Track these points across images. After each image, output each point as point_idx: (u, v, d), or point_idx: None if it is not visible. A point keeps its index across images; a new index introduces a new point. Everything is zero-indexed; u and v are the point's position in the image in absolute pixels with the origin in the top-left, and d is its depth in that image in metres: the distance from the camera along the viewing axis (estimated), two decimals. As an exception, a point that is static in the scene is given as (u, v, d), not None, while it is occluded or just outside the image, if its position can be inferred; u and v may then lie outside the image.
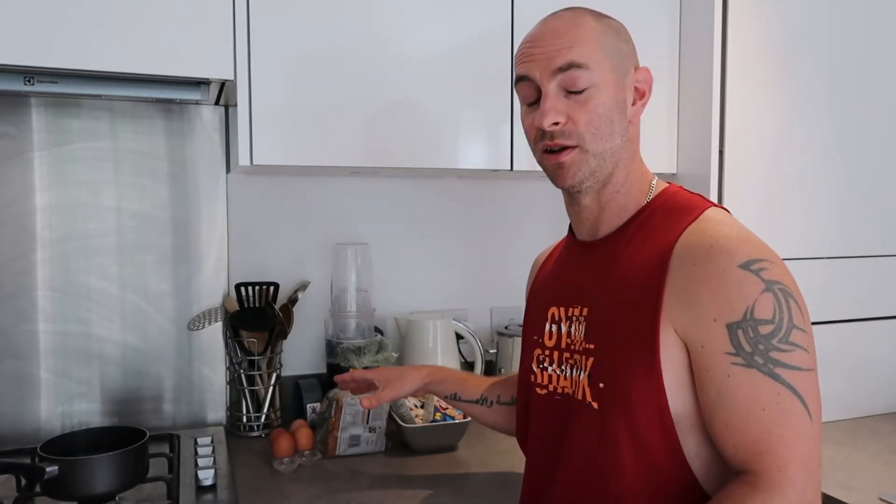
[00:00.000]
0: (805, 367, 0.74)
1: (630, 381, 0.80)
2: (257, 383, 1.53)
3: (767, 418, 0.73)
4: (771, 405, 0.73)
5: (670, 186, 0.92)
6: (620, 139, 0.87)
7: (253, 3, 1.26)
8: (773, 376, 0.73)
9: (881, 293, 1.66)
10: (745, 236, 0.79)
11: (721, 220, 0.82)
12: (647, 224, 0.87)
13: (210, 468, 1.21)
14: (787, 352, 0.74)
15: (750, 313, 0.74)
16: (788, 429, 0.73)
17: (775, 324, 0.74)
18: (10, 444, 1.37)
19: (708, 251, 0.77)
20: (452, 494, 1.20)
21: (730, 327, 0.75)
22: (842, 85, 1.58)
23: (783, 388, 0.73)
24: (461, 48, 1.41)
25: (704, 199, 0.88)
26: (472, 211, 1.81)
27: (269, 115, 1.28)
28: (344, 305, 1.59)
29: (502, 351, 1.74)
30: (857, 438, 1.51)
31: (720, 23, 1.49)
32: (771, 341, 0.74)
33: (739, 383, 0.74)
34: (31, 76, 1.20)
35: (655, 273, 0.80)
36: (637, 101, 0.89)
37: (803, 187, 1.57)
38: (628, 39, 0.90)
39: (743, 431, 0.75)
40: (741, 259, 0.76)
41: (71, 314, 1.45)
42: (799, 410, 0.73)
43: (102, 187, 1.47)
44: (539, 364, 0.95)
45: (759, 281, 0.75)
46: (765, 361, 0.73)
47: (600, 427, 0.83)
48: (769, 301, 0.74)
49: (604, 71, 0.85)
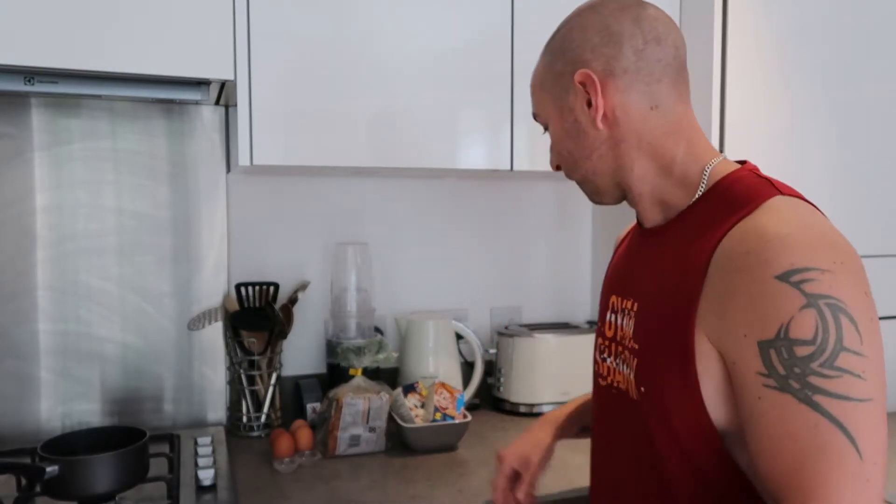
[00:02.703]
0: (856, 398, 0.63)
1: (665, 388, 0.75)
2: (257, 383, 1.53)
3: (799, 450, 0.64)
4: (804, 436, 0.63)
5: (735, 172, 0.79)
6: (591, 160, 0.84)
7: (253, 3, 1.26)
8: (811, 404, 0.63)
9: (881, 293, 1.66)
10: (800, 238, 0.67)
11: (781, 216, 0.70)
12: (700, 218, 0.78)
13: (210, 468, 1.21)
14: (831, 378, 0.63)
15: (785, 332, 0.65)
16: (826, 465, 0.62)
17: (816, 345, 0.64)
18: (10, 444, 1.37)
19: (745, 258, 0.68)
20: (452, 494, 1.20)
21: (761, 346, 0.66)
22: (842, 84, 1.58)
23: (822, 419, 0.63)
24: (462, 48, 1.41)
25: (773, 185, 0.76)
26: (472, 211, 1.81)
27: (269, 115, 1.28)
28: (344, 305, 1.59)
29: (502, 351, 1.74)
30: (857, 438, 1.51)
31: (720, 23, 1.49)
32: (810, 364, 0.64)
33: (770, 408, 0.66)
34: (31, 76, 1.20)
35: (695, 277, 0.73)
36: (591, 107, 0.81)
37: (803, 187, 1.55)
38: (565, 50, 0.82)
39: (772, 459, 0.66)
40: (780, 269, 0.66)
41: (71, 314, 1.45)
42: (842, 446, 0.62)
43: (102, 187, 1.47)
44: (601, 354, 0.91)
45: (799, 295, 0.65)
46: (801, 387, 0.64)
47: (645, 427, 0.79)
48: (809, 318, 0.64)
49: (547, 108, 0.87)
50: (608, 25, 0.80)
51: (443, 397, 1.44)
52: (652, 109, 0.81)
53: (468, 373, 1.69)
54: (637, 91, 0.80)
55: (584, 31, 0.81)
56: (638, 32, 0.80)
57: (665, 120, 0.81)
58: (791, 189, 0.77)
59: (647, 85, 0.80)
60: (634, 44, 0.80)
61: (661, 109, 0.81)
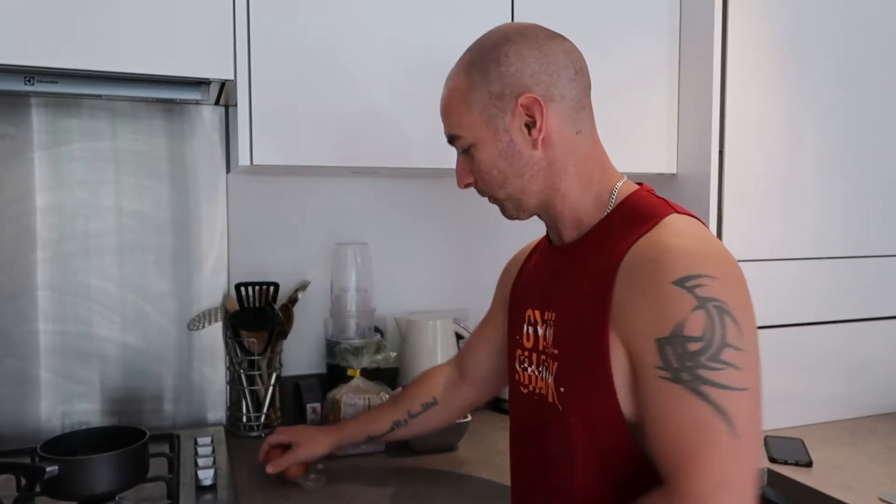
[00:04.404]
0: (737, 387, 0.73)
1: (585, 387, 0.83)
2: (257, 383, 1.53)
3: (686, 434, 0.74)
4: (690, 422, 0.73)
5: (636, 192, 0.90)
6: (523, 178, 0.90)
7: (253, 3, 1.26)
8: (698, 393, 0.73)
9: (881, 293, 1.66)
10: (692, 249, 0.78)
11: (677, 230, 0.81)
12: (609, 232, 0.87)
13: (210, 468, 1.21)
14: (716, 370, 0.73)
15: (679, 330, 0.74)
16: (706, 445, 0.73)
17: (705, 342, 0.74)
18: (10, 444, 1.37)
19: (648, 266, 0.78)
20: (452, 494, 1.20)
21: (659, 342, 0.76)
22: (842, 84, 1.58)
23: (706, 406, 0.73)
24: (462, 48, 1.41)
25: (668, 204, 0.87)
26: (473, 211, 1.81)
27: (269, 115, 1.28)
28: (344, 305, 1.59)
29: (502, 351, 1.73)
30: (857, 438, 1.51)
31: (720, 23, 1.49)
32: (699, 359, 0.73)
33: (664, 398, 0.75)
34: (31, 76, 1.20)
35: (606, 284, 0.82)
36: (532, 130, 0.87)
37: (803, 187, 1.57)
38: (503, 74, 0.87)
39: (663, 442, 0.76)
40: (676, 275, 0.76)
41: (71, 314, 1.45)
42: (721, 429, 0.72)
43: (102, 187, 1.47)
44: (521, 364, 0.98)
45: (691, 298, 0.74)
46: (691, 378, 0.74)
47: (563, 428, 0.86)
48: (700, 318, 0.74)
49: (476, 130, 0.90)
50: (545, 54, 0.87)
51: (443, 397, 1.44)
52: (577, 134, 0.90)
53: (468, 373, 1.69)
54: (568, 117, 0.89)
55: (523, 56, 0.87)
56: (569, 63, 0.89)
57: (586, 144, 0.91)
58: (683, 208, 0.87)
59: (575, 111, 0.89)
60: (567, 73, 0.88)
61: (583, 134, 0.91)
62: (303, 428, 1.28)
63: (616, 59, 1.54)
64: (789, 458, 1.37)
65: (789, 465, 1.36)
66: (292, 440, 1.23)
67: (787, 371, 1.57)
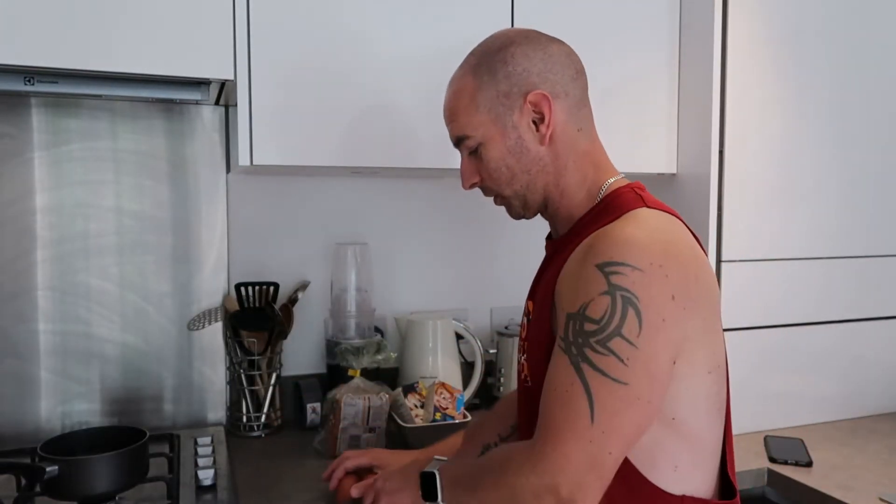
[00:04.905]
0: (613, 377, 0.75)
1: (540, 367, 0.86)
2: (257, 383, 1.53)
3: (554, 400, 0.78)
4: (561, 391, 0.77)
5: (621, 188, 0.92)
6: (530, 174, 0.93)
7: (253, 3, 1.26)
8: (577, 369, 0.77)
9: (880, 293, 1.66)
10: (631, 239, 0.79)
11: (637, 221, 0.83)
12: (585, 226, 0.90)
13: (210, 468, 1.21)
14: (601, 354, 0.76)
15: (583, 309, 0.78)
16: (563, 416, 0.76)
17: (599, 325, 0.76)
18: (10, 444, 1.37)
19: (585, 249, 0.82)
20: (452, 494, 1.19)
21: (568, 317, 0.80)
22: (842, 84, 1.58)
23: (578, 382, 0.76)
24: (462, 48, 1.40)
25: (643, 199, 0.88)
26: (472, 211, 1.81)
27: (269, 115, 1.28)
28: (344, 305, 1.59)
29: (502, 351, 1.74)
30: (857, 438, 1.51)
31: (720, 23, 1.49)
32: (589, 339, 0.77)
33: (553, 363, 0.80)
34: (31, 76, 1.20)
35: (559, 270, 0.86)
36: (540, 126, 0.91)
37: (803, 187, 1.57)
38: (510, 73, 0.90)
39: (541, 402, 0.80)
40: (600, 259, 0.78)
41: (71, 314, 1.45)
42: (582, 408, 0.75)
43: (102, 187, 1.47)
44: (519, 354, 1.00)
45: (604, 283, 0.77)
46: (577, 353, 0.77)
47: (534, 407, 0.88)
48: (603, 304, 0.77)
49: (484, 129, 0.92)
50: (549, 55, 0.91)
51: (443, 397, 1.44)
52: (578, 131, 0.93)
53: (468, 373, 1.69)
54: (571, 114, 0.92)
55: (529, 57, 0.91)
56: (570, 63, 0.93)
57: (585, 142, 0.94)
58: (662, 204, 0.89)
59: (577, 109, 0.93)
60: (570, 72, 0.92)
61: (583, 132, 0.94)
62: (378, 451, 1.22)
63: (616, 59, 1.54)
64: (789, 458, 1.37)
65: (789, 465, 1.36)
66: (375, 463, 1.18)
67: (787, 371, 1.57)
